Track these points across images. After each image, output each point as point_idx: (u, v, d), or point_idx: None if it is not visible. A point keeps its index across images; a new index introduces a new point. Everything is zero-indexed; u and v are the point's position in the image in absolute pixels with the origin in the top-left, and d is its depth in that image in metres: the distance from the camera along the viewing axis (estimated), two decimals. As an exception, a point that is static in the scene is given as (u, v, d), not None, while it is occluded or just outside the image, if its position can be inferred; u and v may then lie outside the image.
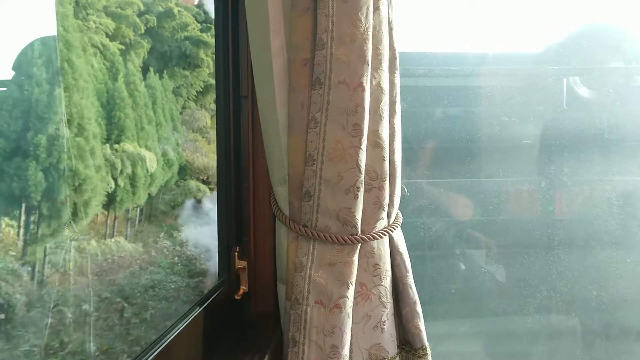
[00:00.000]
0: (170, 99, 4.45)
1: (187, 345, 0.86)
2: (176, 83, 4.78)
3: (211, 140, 4.74)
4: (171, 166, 4.27)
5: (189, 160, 4.58)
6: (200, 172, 4.59)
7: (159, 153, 4.09)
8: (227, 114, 1.07)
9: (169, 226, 4.14)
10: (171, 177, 4.26)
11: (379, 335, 0.98)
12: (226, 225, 1.08)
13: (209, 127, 4.87)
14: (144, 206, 4.08)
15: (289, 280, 0.96)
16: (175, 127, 4.53)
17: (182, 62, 4.84)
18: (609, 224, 1.68)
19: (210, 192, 4.51)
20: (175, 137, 4.47)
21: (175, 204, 4.30)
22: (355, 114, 0.90)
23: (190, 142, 4.72)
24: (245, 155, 1.10)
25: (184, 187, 4.37)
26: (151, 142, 4.03)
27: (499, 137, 1.68)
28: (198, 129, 4.87)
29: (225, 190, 1.08)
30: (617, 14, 1.74)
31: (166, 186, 4.21)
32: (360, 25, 0.89)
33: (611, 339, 1.69)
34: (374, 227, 0.97)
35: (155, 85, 4.29)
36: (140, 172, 3.78)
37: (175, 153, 4.35)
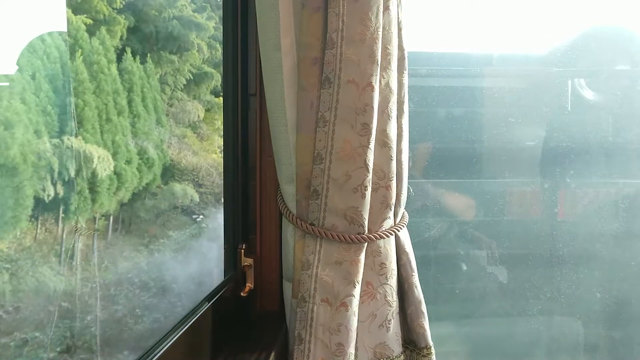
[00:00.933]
0: (154, 87, 3.73)
1: (194, 341, 0.86)
2: (163, 69, 4.07)
3: (205, 137, 4.17)
4: (151, 166, 3.59)
5: (175, 159, 3.92)
6: (189, 173, 3.93)
7: (133, 150, 3.41)
8: (235, 111, 1.08)
9: (152, 237, 3.48)
10: (153, 180, 3.59)
11: (384, 334, 0.99)
12: (233, 223, 1.08)
13: (203, 121, 4.24)
14: (119, 214, 3.36)
15: (296, 278, 0.97)
16: (160, 121, 3.80)
17: (169, 45, 4.14)
18: (613, 226, 1.68)
19: (199, 197, 3.79)
20: (159, 132, 3.76)
21: (158, 212, 3.61)
22: (364, 114, 0.90)
23: (178, 138, 4.05)
24: (253, 153, 1.10)
25: (167, 192, 3.70)
26: (121, 136, 3.32)
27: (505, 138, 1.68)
28: (189, 123, 4.19)
29: (232, 188, 1.08)
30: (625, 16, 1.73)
31: (147, 190, 3.56)
32: (371, 25, 0.89)
33: (614, 341, 1.69)
34: (381, 226, 0.98)
35: (132, 69, 3.57)
36: (102, 173, 3.01)
37: (159, 151, 3.67)
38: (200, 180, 3.94)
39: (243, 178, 1.10)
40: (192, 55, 4.20)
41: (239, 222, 1.09)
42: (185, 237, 3.58)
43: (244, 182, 1.10)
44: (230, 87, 1.08)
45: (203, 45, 4.33)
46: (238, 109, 1.08)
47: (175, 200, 3.70)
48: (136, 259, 3.17)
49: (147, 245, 3.28)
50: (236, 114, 1.08)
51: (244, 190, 1.10)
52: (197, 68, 4.25)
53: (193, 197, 3.73)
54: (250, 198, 1.11)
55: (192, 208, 3.85)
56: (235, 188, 1.08)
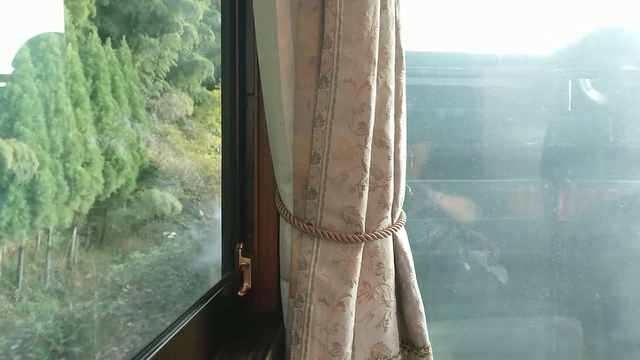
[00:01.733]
0: (129, 76, 3.10)
1: (191, 340, 0.86)
2: (144, 56, 3.45)
3: (193, 135, 3.63)
4: (121, 169, 2.88)
5: (156, 160, 3.29)
6: (171, 177, 3.33)
7: (95, 150, 2.67)
8: (233, 111, 1.08)
9: (125, 253, 2.82)
10: (126, 185, 2.89)
11: (382, 333, 0.99)
12: (230, 222, 1.08)
13: (193, 117, 3.70)
14: (87, 226, 2.65)
15: (293, 278, 0.97)
16: (137, 115, 3.16)
17: (151, 28, 3.47)
18: (612, 226, 1.68)
19: (181, 206, 3.19)
20: (136, 128, 3.11)
21: (135, 223, 2.98)
22: (361, 113, 0.90)
23: (160, 136, 3.42)
24: (251, 152, 1.10)
25: (145, 199, 3.04)
26: (77, 133, 2.58)
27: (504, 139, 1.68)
28: (176, 119, 3.59)
29: (230, 188, 1.08)
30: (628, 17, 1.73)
31: (119, 197, 2.89)
32: (368, 24, 0.89)
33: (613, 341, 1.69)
34: (378, 226, 0.97)
35: (99, 52, 2.88)
36: (21, 176, 2.17)
37: (135, 151, 3.02)
38: (183, 186, 3.40)
39: (241, 177, 1.10)
40: (174, 38, 3.55)
41: (236, 221, 1.09)
42: (152, 261, 2.95)
43: (242, 181, 1.10)
44: (228, 86, 1.08)
45: (192, 29, 3.64)
46: (236, 108, 1.08)
47: (155, 209, 3.10)
48: (103, 280, 2.56)
49: (120, 262, 2.67)
50: (234, 113, 1.08)
51: (241, 189, 1.10)
52: (187, 56, 3.66)
53: (174, 206, 3.13)
54: (248, 197, 1.11)
55: (174, 219, 3.24)
56: (233, 187, 1.08)
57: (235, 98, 1.08)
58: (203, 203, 3.48)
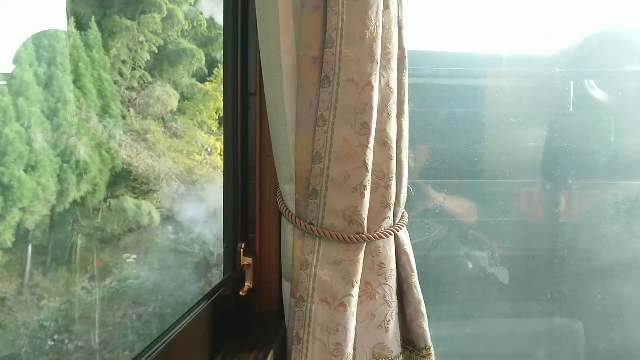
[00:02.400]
0: (99, 63, 2.56)
1: (192, 339, 0.86)
2: (120, 40, 2.86)
3: (179, 134, 3.15)
4: (83, 173, 2.31)
5: (133, 163, 2.74)
6: (149, 182, 2.77)
7: (42, 150, 2.12)
8: (235, 110, 1.08)
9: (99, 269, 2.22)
10: (92, 192, 2.35)
11: (383, 334, 0.98)
12: (232, 222, 1.08)
13: (180, 113, 3.20)
14: (48, 242, 2.13)
15: (294, 278, 0.96)
16: (108, 109, 2.63)
17: (129, 10, 2.89)
18: (615, 227, 1.68)
19: (160, 217, 2.62)
20: (107, 124, 2.57)
21: (105, 237, 2.39)
22: (363, 113, 0.90)
23: (138, 135, 2.86)
24: (252, 152, 1.10)
25: (116, 209, 2.51)
26: (16, 128, 1.99)
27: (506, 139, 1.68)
28: (161, 115, 3.08)
29: (232, 187, 1.08)
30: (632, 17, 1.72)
31: (83, 207, 2.31)
32: (370, 23, 0.89)
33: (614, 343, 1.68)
34: (380, 226, 0.97)
35: (56, 35, 2.34)
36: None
37: (104, 151, 2.48)
38: (161, 193, 2.90)
39: (242, 177, 1.10)
40: (152, 19, 2.98)
41: (238, 221, 1.09)
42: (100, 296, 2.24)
43: (244, 181, 1.10)
44: (230, 86, 1.08)
45: (178, 12, 3.09)
46: (238, 108, 1.08)
47: (128, 220, 2.53)
48: (61, 306, 1.96)
49: (85, 284, 2.11)
50: (236, 113, 1.08)
51: (243, 189, 1.10)
52: (173, 43, 3.18)
53: (152, 217, 2.55)
54: (250, 197, 1.11)
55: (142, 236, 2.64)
56: (235, 187, 1.08)
57: (237, 97, 1.08)
58: (183, 214, 2.97)
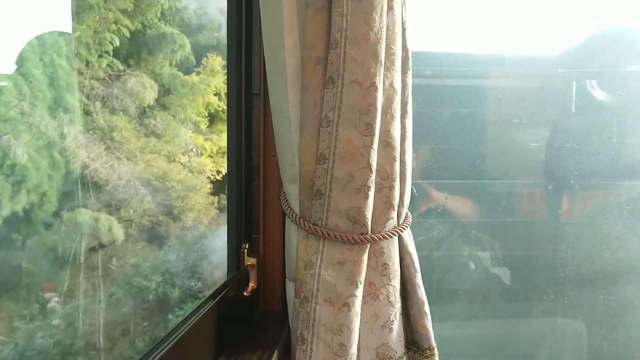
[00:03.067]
0: (51, 47, 2.10)
1: (197, 339, 0.86)
2: (81, 21, 2.37)
3: (160, 132, 2.70)
4: (22, 180, 1.81)
5: (94, 167, 2.21)
6: (114, 192, 2.25)
7: None
8: (239, 111, 1.08)
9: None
10: (40, 204, 1.88)
11: (387, 334, 0.98)
12: (236, 223, 1.09)
13: (162, 109, 2.73)
14: None
15: (298, 278, 0.97)
16: (62, 102, 2.16)
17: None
18: (617, 228, 1.68)
19: (124, 234, 2.14)
20: (60, 121, 2.07)
21: (56, 259, 1.89)
22: (367, 114, 0.90)
23: (103, 133, 2.34)
24: (256, 153, 1.11)
25: (69, 224, 2.01)
26: None
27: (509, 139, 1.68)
28: (132, 111, 2.53)
29: (235, 188, 1.08)
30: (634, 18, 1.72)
31: (29, 222, 1.82)
32: (374, 24, 0.89)
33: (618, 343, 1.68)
34: (384, 226, 0.97)
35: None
36: None
37: (57, 152, 2.02)
38: (128, 205, 2.37)
39: (246, 178, 1.10)
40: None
41: (242, 222, 1.09)
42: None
43: (247, 181, 1.10)
44: (234, 86, 1.08)
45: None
46: (242, 109, 1.08)
47: (82, 237, 2.05)
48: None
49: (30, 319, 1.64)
50: (240, 113, 1.08)
51: (247, 189, 1.10)
52: (153, 28, 2.74)
53: (114, 234, 2.14)
54: (254, 198, 1.11)
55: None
56: (239, 188, 1.08)
57: (241, 98, 1.08)
58: (153, 231, 2.41)
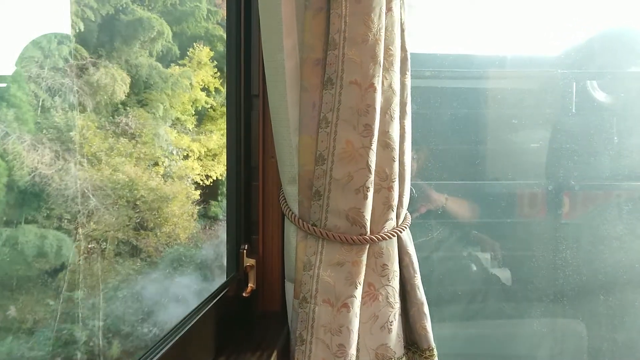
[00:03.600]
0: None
1: (197, 339, 0.86)
2: None
3: (131, 132, 2.14)
4: None
5: (47, 174, 1.61)
6: (70, 203, 1.69)
7: None
8: (238, 112, 1.08)
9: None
10: None
11: (386, 335, 0.99)
12: (235, 224, 1.09)
13: (140, 105, 2.12)
14: None
15: (298, 279, 0.97)
16: (5, 96, 1.63)
17: None
18: (617, 228, 1.68)
19: (79, 253, 1.61)
20: (2, 118, 1.46)
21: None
22: (366, 115, 0.90)
23: (59, 132, 1.73)
24: (256, 154, 1.11)
25: (9, 242, 1.47)
26: None
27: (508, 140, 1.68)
28: (106, 106, 1.95)
29: (235, 189, 1.08)
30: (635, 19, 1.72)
31: None
32: (373, 26, 0.89)
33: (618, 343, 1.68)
34: (383, 227, 0.97)
35: None
36: None
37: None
38: (85, 218, 1.76)
39: (246, 179, 1.10)
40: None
41: (241, 222, 1.09)
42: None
43: (247, 182, 1.10)
44: (233, 88, 1.08)
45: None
46: (241, 110, 1.08)
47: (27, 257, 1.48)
48: None
49: None
50: (239, 115, 1.08)
51: (246, 191, 1.10)
52: (126, 11, 2.16)
53: (63, 254, 1.61)
54: (253, 199, 1.11)
55: None
56: (238, 189, 1.09)
57: (241, 99, 1.08)
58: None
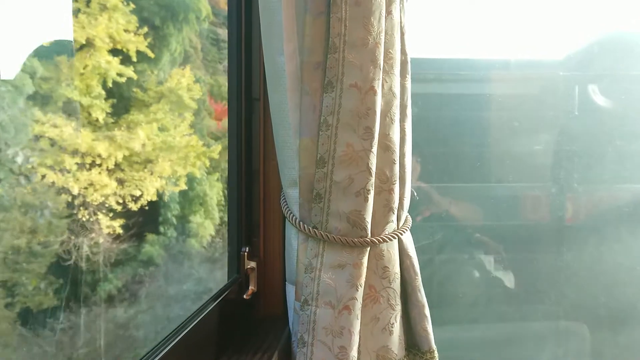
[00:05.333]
0: None
1: (196, 343, 0.87)
2: None
3: None
4: None
5: None
6: None
7: None
8: (239, 116, 1.09)
9: None
10: None
11: (387, 337, 0.99)
12: (237, 226, 1.09)
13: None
14: None
15: (299, 281, 0.97)
16: None
17: None
18: (618, 231, 1.67)
19: None
20: None
21: None
22: (366, 118, 0.91)
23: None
24: (257, 157, 1.11)
25: None
26: None
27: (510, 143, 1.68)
28: None
29: (236, 192, 1.09)
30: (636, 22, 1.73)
31: None
32: (373, 29, 0.90)
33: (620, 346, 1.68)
34: (384, 229, 0.98)
35: None
36: None
37: None
38: None
39: (246, 181, 1.11)
40: None
41: (242, 225, 1.10)
42: None
43: (248, 185, 1.11)
44: (234, 91, 1.09)
45: None
46: (242, 114, 1.09)
47: None
48: None
49: None
50: (240, 118, 1.09)
51: (247, 193, 1.11)
52: None
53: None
54: (254, 201, 1.12)
55: None
56: (239, 191, 1.09)
57: (242, 103, 1.09)
58: None
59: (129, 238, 1.61)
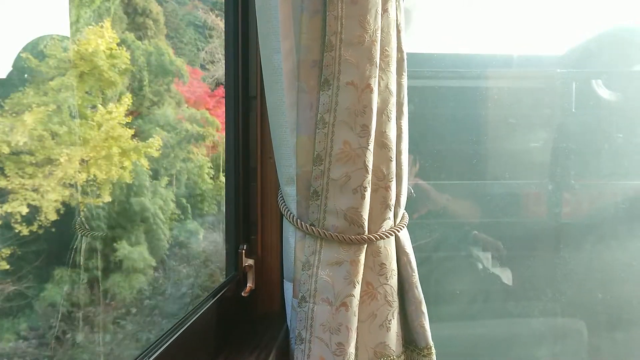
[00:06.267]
0: None
1: (195, 340, 0.87)
2: None
3: None
4: None
5: None
6: None
7: None
8: (237, 114, 1.09)
9: None
10: None
11: (385, 333, 0.99)
12: (234, 224, 1.10)
13: None
14: None
15: (296, 279, 0.97)
16: None
17: None
18: (615, 227, 1.68)
19: None
20: None
21: None
22: (363, 115, 0.91)
23: None
24: (254, 155, 1.12)
25: None
26: None
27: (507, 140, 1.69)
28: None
29: (234, 190, 1.09)
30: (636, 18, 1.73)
31: None
32: (369, 27, 0.90)
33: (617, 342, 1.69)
34: (381, 226, 0.98)
35: None
36: None
37: None
38: None
39: (244, 179, 1.11)
40: None
41: (240, 223, 1.10)
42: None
43: (245, 183, 1.11)
44: (232, 89, 1.09)
45: None
46: (239, 112, 1.09)
47: None
48: None
49: None
50: (237, 116, 1.09)
51: (244, 191, 1.11)
52: None
53: None
54: (251, 199, 1.12)
55: None
56: (237, 189, 1.10)
57: (239, 101, 1.09)
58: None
59: (18, 280, 1.04)
